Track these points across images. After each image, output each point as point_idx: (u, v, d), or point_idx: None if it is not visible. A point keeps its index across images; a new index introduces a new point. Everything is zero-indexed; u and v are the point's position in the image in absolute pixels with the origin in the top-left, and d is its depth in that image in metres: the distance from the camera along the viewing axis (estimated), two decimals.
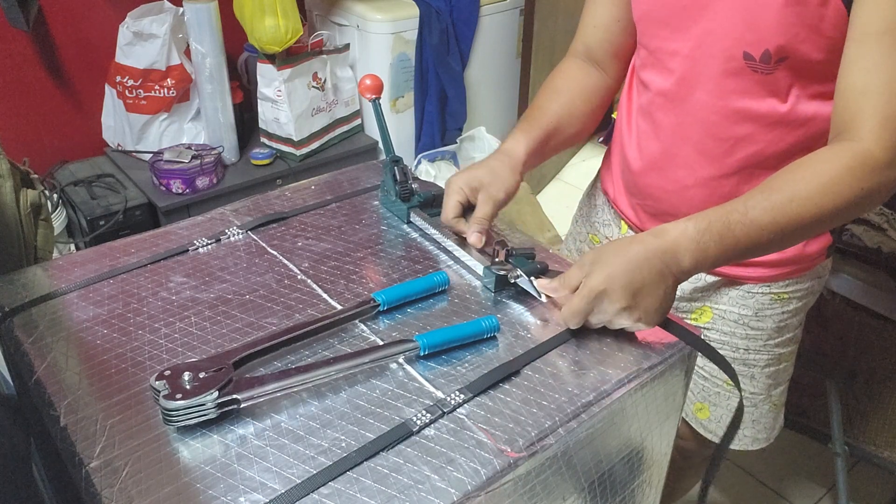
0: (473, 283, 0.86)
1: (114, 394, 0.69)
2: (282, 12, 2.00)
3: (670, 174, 1.01)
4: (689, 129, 0.96)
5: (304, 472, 0.61)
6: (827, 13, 0.81)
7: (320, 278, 0.86)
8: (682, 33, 0.91)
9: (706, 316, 1.07)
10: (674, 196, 1.01)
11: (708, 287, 1.06)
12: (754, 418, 1.12)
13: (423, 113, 2.46)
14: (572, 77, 1.08)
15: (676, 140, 0.98)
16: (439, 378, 0.71)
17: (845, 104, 0.80)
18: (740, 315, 1.05)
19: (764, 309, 1.04)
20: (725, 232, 0.78)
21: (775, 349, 1.07)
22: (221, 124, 2.13)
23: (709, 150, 0.95)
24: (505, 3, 2.50)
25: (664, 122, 0.99)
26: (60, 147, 2.18)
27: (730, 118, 0.92)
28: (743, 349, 1.06)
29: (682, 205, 1.00)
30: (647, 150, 1.03)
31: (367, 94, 0.99)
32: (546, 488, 0.67)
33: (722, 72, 0.89)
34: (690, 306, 1.08)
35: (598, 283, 0.74)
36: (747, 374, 1.08)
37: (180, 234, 0.94)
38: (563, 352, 0.76)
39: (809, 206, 0.78)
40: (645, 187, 1.05)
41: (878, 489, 1.87)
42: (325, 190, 1.06)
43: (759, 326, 1.05)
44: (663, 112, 0.98)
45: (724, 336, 1.06)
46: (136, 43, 2.00)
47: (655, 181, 1.03)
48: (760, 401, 1.10)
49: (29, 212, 1.00)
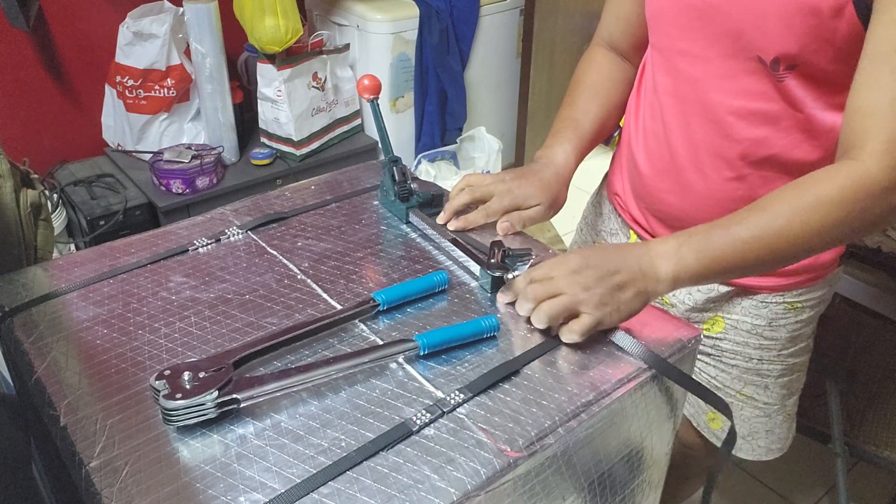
0: (473, 282, 0.86)
1: (114, 394, 0.69)
2: (282, 12, 2.00)
3: (681, 178, 0.98)
4: (701, 131, 0.93)
5: (304, 472, 0.61)
6: (840, 26, 0.78)
7: (320, 278, 0.86)
8: (694, 33, 0.89)
9: (718, 326, 1.05)
10: (685, 201, 0.98)
11: (720, 297, 1.03)
12: (768, 429, 1.10)
13: (423, 113, 2.46)
14: (605, 71, 1.08)
15: (687, 143, 0.95)
16: (439, 378, 0.71)
17: (853, 123, 0.78)
18: (753, 325, 1.02)
19: (778, 318, 1.02)
20: (705, 245, 0.78)
21: (788, 359, 1.05)
22: (221, 124, 2.13)
23: (722, 151, 0.92)
24: (505, 3, 2.50)
25: (674, 125, 0.96)
26: (60, 147, 2.18)
27: (745, 119, 0.89)
28: (756, 359, 1.04)
29: (694, 211, 0.97)
30: (657, 153, 1.00)
31: (366, 95, 0.99)
32: (546, 488, 0.67)
33: (735, 73, 0.87)
34: (702, 316, 1.06)
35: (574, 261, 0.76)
36: (761, 385, 1.06)
37: (180, 234, 0.94)
38: (563, 351, 0.76)
39: (796, 224, 0.76)
40: (655, 191, 1.02)
41: (878, 489, 1.87)
42: (325, 190, 1.06)
43: (772, 336, 1.03)
44: (673, 114, 0.96)
45: (737, 346, 1.04)
46: (136, 43, 2.01)
47: (666, 185, 1.00)
48: (774, 411, 1.09)
49: (29, 212, 1.00)
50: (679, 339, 0.78)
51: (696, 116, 0.93)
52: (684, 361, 0.78)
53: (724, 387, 1.07)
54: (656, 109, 0.99)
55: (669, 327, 0.80)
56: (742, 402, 1.07)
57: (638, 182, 1.05)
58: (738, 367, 1.05)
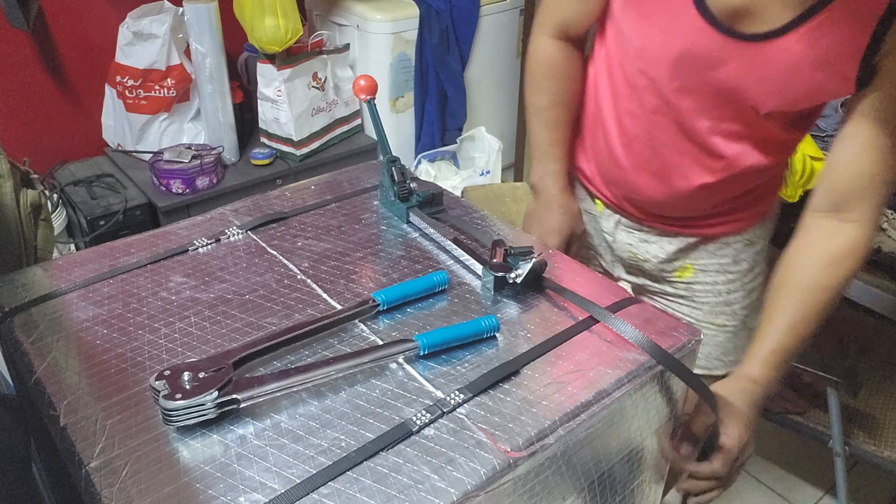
0: (473, 282, 0.86)
1: (114, 394, 0.69)
2: (282, 12, 2.00)
3: (665, 179, 1.04)
4: (688, 145, 0.99)
5: (304, 472, 0.61)
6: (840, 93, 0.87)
7: (320, 278, 0.86)
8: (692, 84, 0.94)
9: (688, 272, 1.17)
10: (666, 195, 1.06)
11: (688, 247, 1.14)
12: (736, 345, 1.21)
13: (423, 113, 2.46)
14: (564, 70, 1.09)
15: (674, 153, 1.01)
16: (439, 378, 0.71)
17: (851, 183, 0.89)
18: (720, 264, 1.15)
19: (739, 254, 1.14)
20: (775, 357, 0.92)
21: (749, 284, 1.17)
22: (221, 124, 2.13)
23: (707, 163, 1.00)
24: (505, 3, 2.50)
25: (662, 138, 1.00)
26: (60, 147, 2.18)
27: (728, 138, 0.97)
28: (725, 292, 1.16)
29: (673, 201, 1.07)
30: (643, 155, 1.04)
31: (362, 95, 0.99)
32: (546, 488, 0.67)
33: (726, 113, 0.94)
34: (673, 265, 1.16)
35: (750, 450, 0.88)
36: (730, 312, 1.18)
37: (180, 234, 0.94)
38: (562, 351, 0.76)
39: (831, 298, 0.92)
40: (636, 185, 1.08)
41: (878, 489, 1.87)
42: (324, 190, 1.06)
43: (736, 269, 1.15)
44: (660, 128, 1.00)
45: (707, 285, 1.16)
46: (136, 43, 2.01)
47: (648, 182, 1.06)
48: (740, 329, 1.20)
49: (29, 212, 1.00)
50: (679, 338, 0.78)
51: (684, 134, 0.99)
52: (684, 361, 0.78)
53: (699, 321, 1.19)
54: (641, 120, 1.01)
55: (670, 327, 0.80)
56: (715, 330, 1.19)
57: (615, 172, 1.10)
58: (709, 303, 1.17)
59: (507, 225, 1.00)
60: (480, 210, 1.02)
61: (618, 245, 1.19)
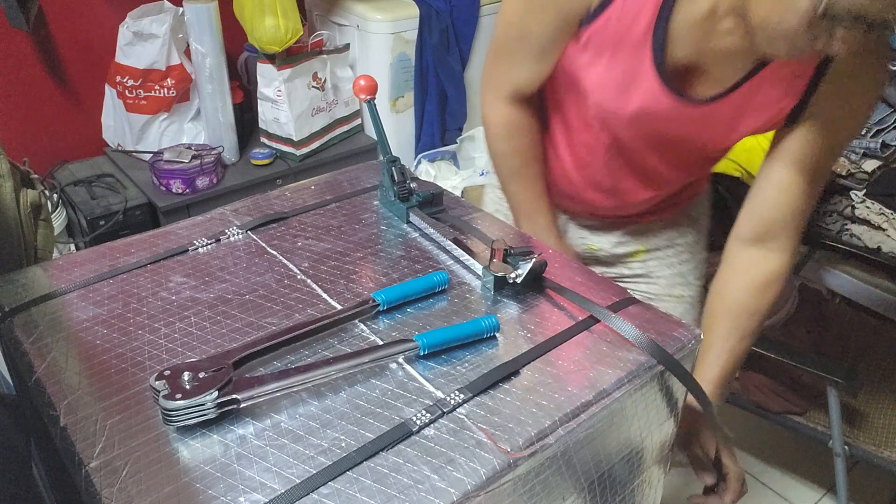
0: (473, 282, 0.86)
1: (113, 394, 0.69)
2: (282, 12, 2.00)
3: (617, 195, 1.12)
4: (640, 175, 1.08)
5: (304, 472, 0.61)
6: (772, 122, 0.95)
7: (320, 278, 0.86)
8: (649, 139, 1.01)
9: (639, 255, 1.24)
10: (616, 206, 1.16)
11: (637, 230, 1.22)
12: (693, 318, 1.27)
13: (423, 113, 2.46)
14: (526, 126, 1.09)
15: (623, 177, 1.09)
16: (439, 378, 0.71)
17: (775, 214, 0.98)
18: (668, 237, 1.23)
19: (683, 227, 1.24)
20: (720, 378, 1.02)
21: (697, 255, 1.26)
22: (221, 124, 2.13)
23: (656, 184, 1.10)
24: None
25: (614, 166, 1.07)
26: (60, 147, 2.18)
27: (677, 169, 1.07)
28: (677, 262, 1.25)
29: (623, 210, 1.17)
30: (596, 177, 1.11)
31: (362, 95, 0.99)
32: (546, 488, 0.67)
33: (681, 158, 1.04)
34: (626, 250, 1.24)
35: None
36: (684, 283, 1.26)
37: (180, 234, 0.94)
38: (562, 351, 0.76)
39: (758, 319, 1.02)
40: (588, 198, 1.15)
41: (878, 489, 1.87)
42: (324, 190, 1.06)
43: (683, 241, 1.24)
44: (614, 160, 1.06)
45: (661, 261, 1.24)
46: (136, 43, 2.01)
47: (599, 197, 1.14)
48: (697, 300, 1.27)
49: (29, 212, 1.00)
50: (679, 339, 0.78)
51: (635, 164, 1.06)
52: (684, 361, 0.78)
53: (658, 295, 1.26)
54: (595, 151, 1.06)
55: (670, 327, 0.80)
56: (674, 302, 1.26)
57: (567, 188, 1.16)
58: (664, 276, 1.26)
59: (507, 225, 1.00)
60: (480, 210, 1.02)
61: (571, 239, 1.25)
